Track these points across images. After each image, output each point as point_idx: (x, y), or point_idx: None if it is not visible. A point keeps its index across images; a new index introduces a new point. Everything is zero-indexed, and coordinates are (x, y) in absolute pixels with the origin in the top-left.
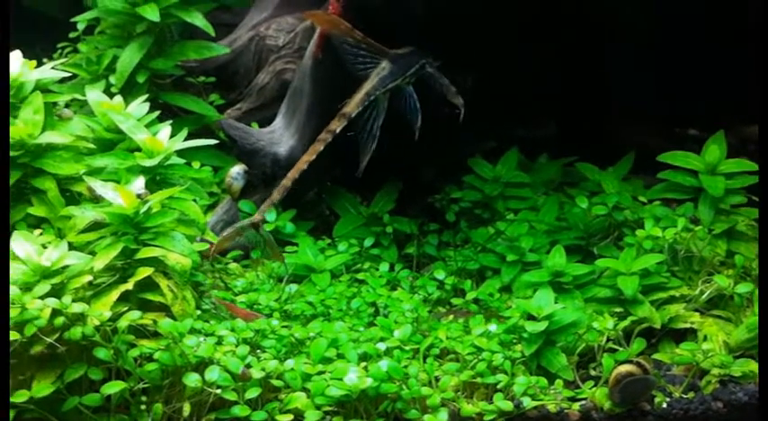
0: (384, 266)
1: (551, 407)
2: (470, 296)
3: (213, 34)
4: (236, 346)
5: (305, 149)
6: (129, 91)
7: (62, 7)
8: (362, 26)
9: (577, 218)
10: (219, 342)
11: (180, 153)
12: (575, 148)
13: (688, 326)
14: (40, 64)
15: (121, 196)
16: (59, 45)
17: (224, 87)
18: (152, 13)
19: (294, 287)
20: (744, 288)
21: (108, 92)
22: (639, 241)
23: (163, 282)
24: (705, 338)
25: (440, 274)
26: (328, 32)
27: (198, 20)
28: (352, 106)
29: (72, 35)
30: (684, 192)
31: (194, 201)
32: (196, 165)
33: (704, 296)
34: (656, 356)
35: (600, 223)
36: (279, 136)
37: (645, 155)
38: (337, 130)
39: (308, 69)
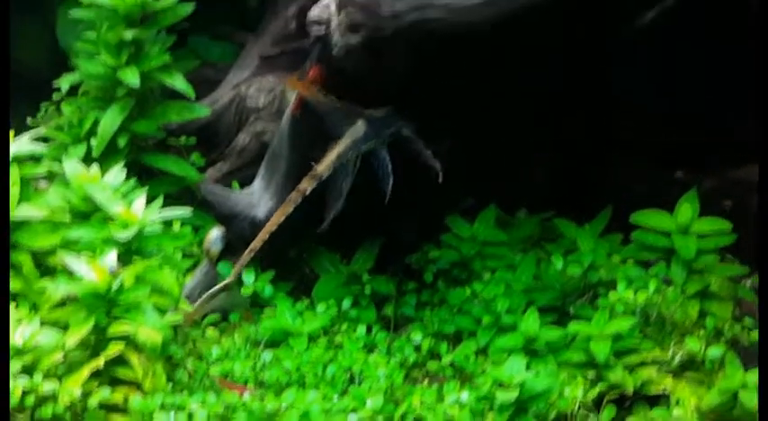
0: (361, 329)
1: None
2: (446, 360)
3: (193, 97)
4: None
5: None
6: (109, 154)
7: (49, 65)
8: (341, 89)
9: (553, 277)
10: (190, 417)
11: None
12: (560, 197)
13: (661, 389)
14: (22, 124)
15: (93, 271)
16: (43, 104)
17: (205, 147)
18: (132, 78)
19: (269, 355)
20: (715, 351)
21: (89, 155)
22: (612, 304)
23: (134, 358)
24: (677, 403)
25: (416, 337)
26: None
27: (179, 83)
28: (324, 167)
29: (56, 96)
30: (657, 251)
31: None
32: (177, 224)
33: (676, 359)
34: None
35: (575, 283)
36: (257, 199)
37: (631, 199)
38: (308, 191)
39: (285, 132)
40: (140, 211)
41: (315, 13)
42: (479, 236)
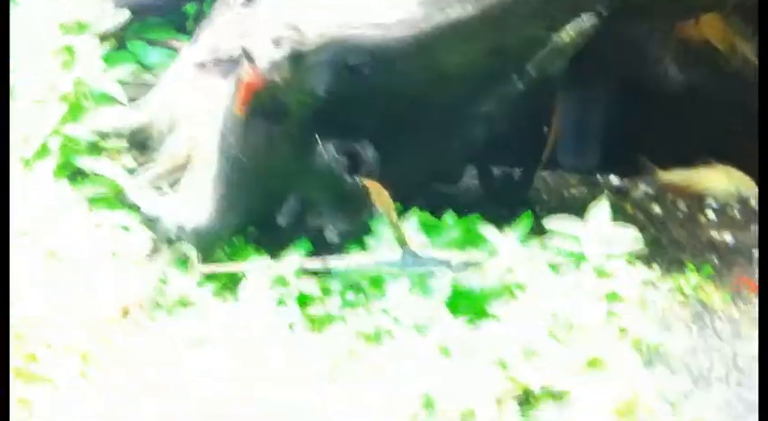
0: (284, 329)
1: None
2: (366, 360)
3: (126, 102)
4: None
5: (209, 217)
6: (42, 156)
7: None
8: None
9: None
10: None
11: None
12: (494, 200)
13: (565, 388)
14: None
15: None
16: None
17: (138, 150)
18: (64, 83)
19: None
20: (619, 352)
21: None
22: (523, 306)
23: None
24: (579, 401)
25: (337, 336)
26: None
27: (111, 88)
28: (336, 262)
29: None
30: (569, 255)
31: None
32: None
33: (581, 358)
34: (535, 418)
35: (493, 285)
36: (184, 202)
37: (566, 204)
38: None
39: (214, 140)
40: None
41: (241, 26)
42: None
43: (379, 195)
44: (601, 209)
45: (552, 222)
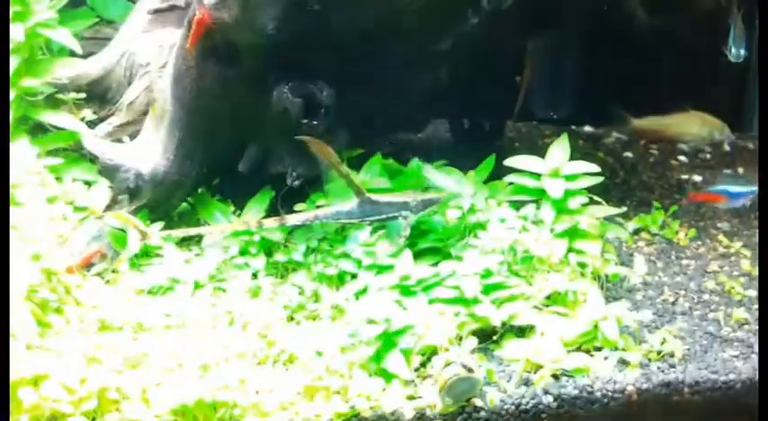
0: (248, 275)
1: (387, 408)
2: (327, 301)
3: (80, 52)
4: None
5: (167, 165)
6: None
7: None
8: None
9: (435, 221)
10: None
11: (53, 169)
12: (465, 151)
13: (526, 322)
14: None
15: None
16: None
17: (97, 103)
18: (16, 33)
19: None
20: (577, 285)
21: None
22: (483, 243)
23: None
24: (543, 334)
25: (301, 280)
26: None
27: (64, 38)
28: (294, 219)
29: None
30: (530, 193)
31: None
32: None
33: (542, 293)
34: (497, 352)
35: (455, 225)
36: (142, 151)
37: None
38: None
39: (168, 86)
40: None
41: None
42: (364, 184)
43: (321, 151)
44: (560, 146)
45: (513, 161)
